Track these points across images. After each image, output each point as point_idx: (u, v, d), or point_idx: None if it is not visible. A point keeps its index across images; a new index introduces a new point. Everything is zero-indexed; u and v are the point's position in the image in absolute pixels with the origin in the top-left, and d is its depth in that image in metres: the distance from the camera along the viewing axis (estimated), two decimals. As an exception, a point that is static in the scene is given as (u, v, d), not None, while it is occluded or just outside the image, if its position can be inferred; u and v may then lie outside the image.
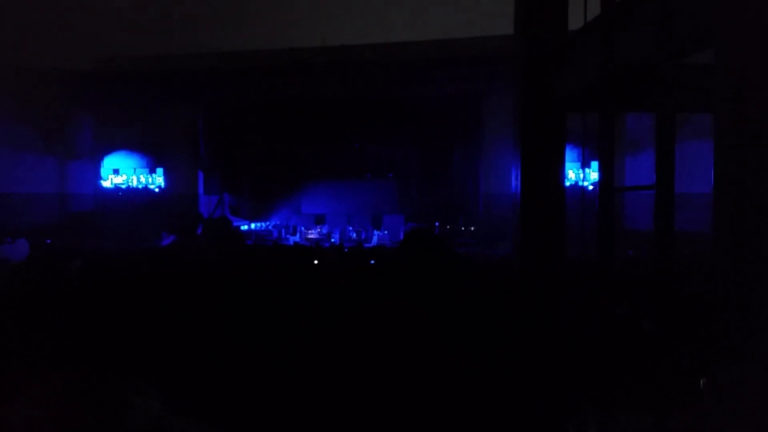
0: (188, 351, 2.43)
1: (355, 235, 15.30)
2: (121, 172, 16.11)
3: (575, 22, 5.30)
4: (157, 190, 16.10)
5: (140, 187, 16.09)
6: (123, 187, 16.03)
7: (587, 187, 12.94)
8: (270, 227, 16.60)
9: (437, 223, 15.68)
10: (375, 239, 14.99)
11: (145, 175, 16.14)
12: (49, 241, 10.84)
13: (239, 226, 15.78)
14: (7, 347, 2.46)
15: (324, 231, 15.62)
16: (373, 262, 7.84)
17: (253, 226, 16.62)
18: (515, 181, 5.86)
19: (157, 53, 16.27)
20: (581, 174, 13.37)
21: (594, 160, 12.30)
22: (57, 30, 16.48)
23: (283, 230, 15.91)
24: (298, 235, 15.62)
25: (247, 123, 16.83)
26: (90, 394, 1.21)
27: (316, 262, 5.00)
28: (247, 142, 17.62)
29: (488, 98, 14.70)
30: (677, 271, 3.18)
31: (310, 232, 15.50)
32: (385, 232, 15.39)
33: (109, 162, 16.16)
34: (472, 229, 15.22)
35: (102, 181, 16.11)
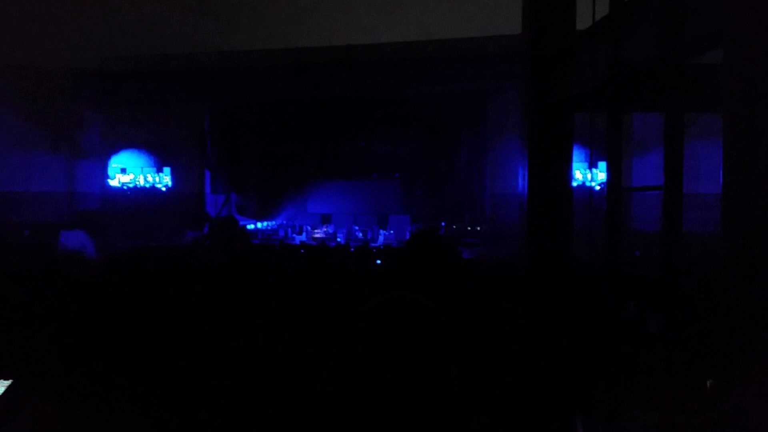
0: (195, 349, 2.45)
1: (361, 234, 15.32)
2: (129, 171, 16.19)
3: (583, 22, 5.29)
4: (164, 189, 16.18)
5: (147, 186, 16.17)
6: (130, 186, 16.12)
7: (594, 187, 12.91)
8: (276, 226, 16.65)
9: (443, 223, 15.68)
10: (381, 239, 15.01)
11: (152, 174, 16.21)
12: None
13: (245, 225, 15.83)
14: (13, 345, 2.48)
15: (330, 230, 15.64)
16: (379, 262, 7.85)
17: (259, 225, 16.67)
18: (522, 181, 5.85)
19: (163, 52, 16.32)
20: (588, 174, 13.33)
21: (601, 160, 12.27)
22: (63, 29, 16.56)
23: (289, 229, 15.94)
24: (304, 234, 15.66)
25: (253, 122, 16.88)
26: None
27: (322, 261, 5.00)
28: (253, 141, 17.67)
29: (495, 97, 14.68)
30: (685, 272, 3.17)
31: (316, 231, 15.54)
32: (391, 231, 15.40)
33: (117, 161, 16.24)
34: (479, 228, 15.21)
35: (109, 180, 16.20)
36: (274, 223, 17.29)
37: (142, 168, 16.26)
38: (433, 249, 2.12)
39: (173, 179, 16.26)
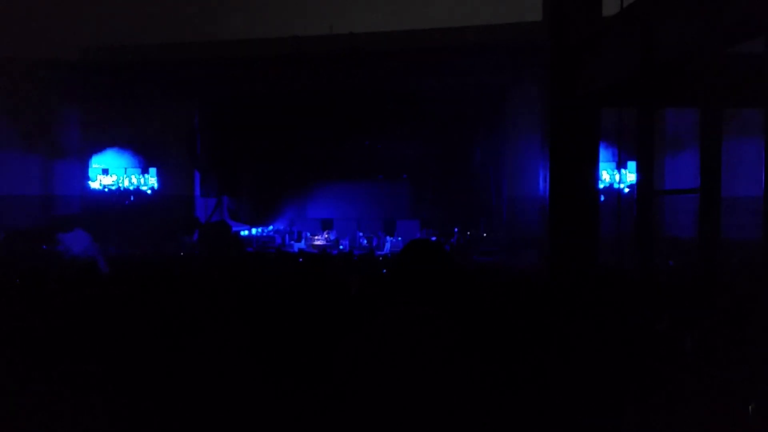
0: (187, 365, 2.48)
1: (365, 241, 15.35)
2: (111, 172, 16.28)
3: (610, 7, 5.31)
4: (149, 191, 16.26)
5: (132, 188, 16.25)
6: (113, 188, 16.20)
7: (623, 189, 12.89)
8: (272, 233, 16.69)
9: (456, 229, 15.67)
10: (388, 246, 15.03)
11: (137, 176, 16.30)
12: (45, 247, 11.14)
13: (239, 232, 15.89)
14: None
15: (332, 237, 15.68)
16: (385, 271, 7.86)
17: (254, 231, 16.73)
18: (543, 183, 5.86)
19: (149, 42, 16.43)
20: (616, 175, 13.32)
21: (631, 160, 12.25)
22: (40, 17, 16.70)
23: (287, 236, 15.99)
24: (303, 241, 15.70)
25: (247, 119, 16.93)
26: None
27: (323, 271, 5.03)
28: (247, 139, 17.71)
29: (513, 91, 14.69)
30: (723, 283, 3.17)
31: (316, 238, 15.57)
32: (399, 238, 15.43)
33: (98, 161, 16.34)
34: (495, 235, 15.19)
35: (90, 182, 16.29)
36: (270, 229, 17.35)
37: (125, 169, 16.35)
38: (427, 259, 2.14)
39: (160, 181, 16.34)
